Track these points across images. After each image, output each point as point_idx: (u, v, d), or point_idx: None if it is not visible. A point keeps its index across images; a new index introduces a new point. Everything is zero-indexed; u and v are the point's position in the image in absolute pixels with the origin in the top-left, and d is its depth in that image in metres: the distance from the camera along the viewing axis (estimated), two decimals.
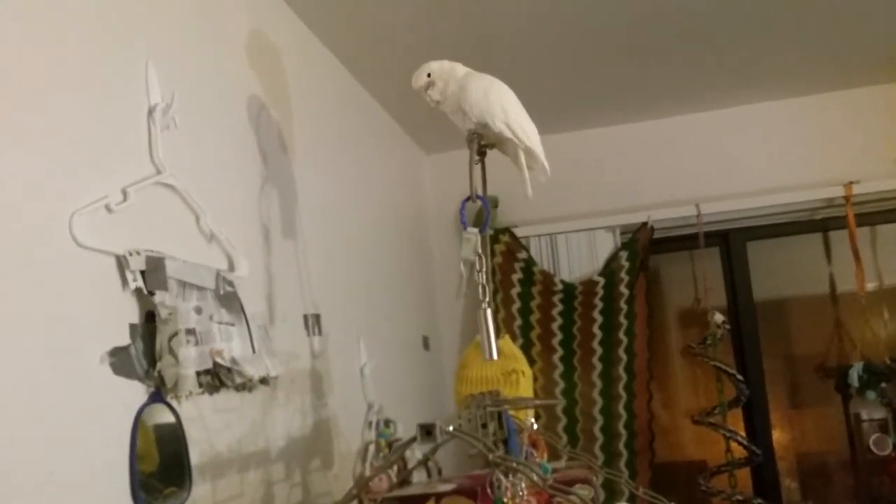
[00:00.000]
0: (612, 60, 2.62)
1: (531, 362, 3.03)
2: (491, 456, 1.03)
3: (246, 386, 1.49)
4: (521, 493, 1.15)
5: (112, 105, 1.26)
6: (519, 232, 3.14)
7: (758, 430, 3.08)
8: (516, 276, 3.10)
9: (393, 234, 2.78)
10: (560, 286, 3.06)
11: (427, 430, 1.04)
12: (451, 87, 1.50)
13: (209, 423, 1.39)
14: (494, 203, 3.08)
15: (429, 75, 1.50)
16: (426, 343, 2.97)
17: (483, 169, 1.52)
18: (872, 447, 2.83)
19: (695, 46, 2.56)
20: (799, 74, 2.89)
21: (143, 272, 1.22)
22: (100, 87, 1.24)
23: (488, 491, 1.10)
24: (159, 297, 1.25)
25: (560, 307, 3.07)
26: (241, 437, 1.50)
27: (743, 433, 3.02)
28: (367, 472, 1.87)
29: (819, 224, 3.13)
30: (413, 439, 1.06)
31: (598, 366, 3.02)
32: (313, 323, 1.91)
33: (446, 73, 1.51)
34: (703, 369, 3.15)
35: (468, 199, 1.43)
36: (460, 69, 1.52)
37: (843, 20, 2.45)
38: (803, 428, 3.30)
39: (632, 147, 3.23)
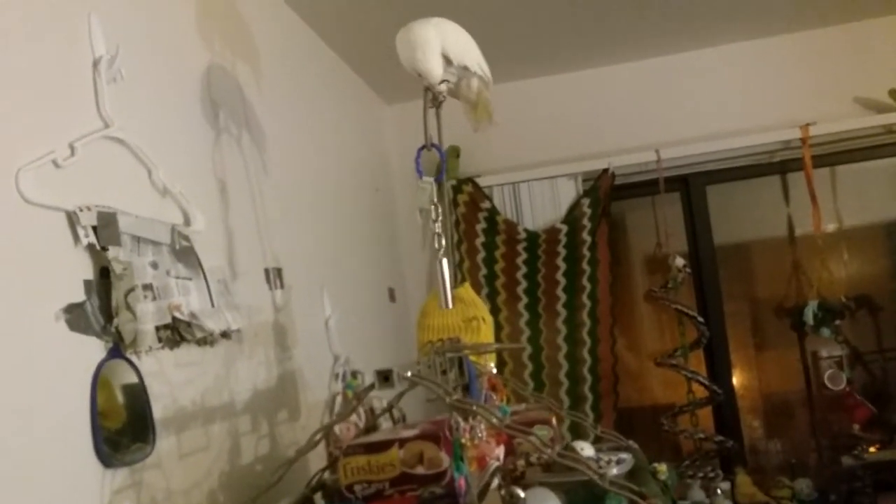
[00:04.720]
0: (568, 6, 2.60)
1: (496, 311, 3.06)
2: (448, 399, 1.04)
3: (207, 340, 1.49)
4: (479, 435, 1.17)
5: (55, 58, 1.23)
6: (482, 181, 3.14)
7: (718, 370, 3.16)
8: (480, 226, 3.11)
9: (355, 186, 2.76)
10: (523, 235, 3.08)
11: (385, 377, 1.05)
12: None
13: (171, 378, 1.39)
14: (456, 153, 3.08)
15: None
16: (392, 295, 2.98)
17: (438, 118, 1.51)
18: (827, 383, 2.91)
19: None
20: (754, 16, 2.89)
21: (94, 228, 1.21)
22: (41, 41, 1.21)
23: (447, 434, 1.12)
24: (113, 252, 1.24)
25: (524, 255, 3.09)
26: (204, 390, 1.50)
27: (705, 374, 3.09)
28: None
29: (777, 166, 3.15)
30: (371, 386, 1.08)
31: (563, 312, 3.05)
32: (275, 276, 1.91)
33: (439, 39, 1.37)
34: (666, 313, 3.21)
35: (423, 147, 1.43)
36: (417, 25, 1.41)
37: None
38: (764, 367, 3.37)
39: (591, 93, 3.22)
